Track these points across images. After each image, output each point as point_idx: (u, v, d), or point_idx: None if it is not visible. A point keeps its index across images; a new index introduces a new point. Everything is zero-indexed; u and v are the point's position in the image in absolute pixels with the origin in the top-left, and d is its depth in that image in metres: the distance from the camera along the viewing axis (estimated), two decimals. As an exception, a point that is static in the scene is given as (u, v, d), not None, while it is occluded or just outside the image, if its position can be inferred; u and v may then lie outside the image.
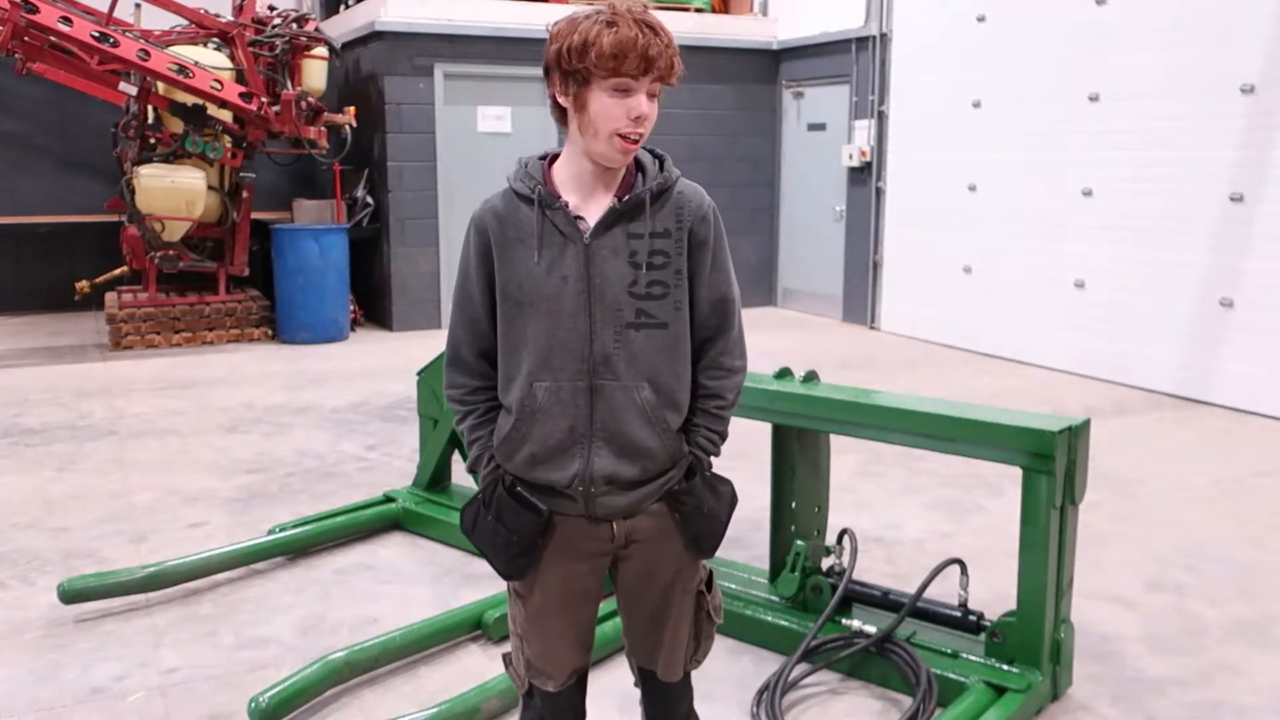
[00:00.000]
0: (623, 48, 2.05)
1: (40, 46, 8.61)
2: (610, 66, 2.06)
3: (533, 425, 2.18)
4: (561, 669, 2.36)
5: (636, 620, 2.39)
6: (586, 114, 2.11)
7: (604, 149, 2.13)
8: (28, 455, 6.22)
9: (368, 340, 10.19)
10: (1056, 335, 8.72)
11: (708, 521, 2.29)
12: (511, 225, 2.19)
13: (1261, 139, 7.15)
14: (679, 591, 2.34)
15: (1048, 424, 3.28)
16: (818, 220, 11.55)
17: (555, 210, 2.17)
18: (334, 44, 10.26)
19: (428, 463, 5.10)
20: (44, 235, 11.36)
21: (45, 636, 3.92)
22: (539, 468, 2.20)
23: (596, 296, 2.15)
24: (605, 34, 2.06)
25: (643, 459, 2.20)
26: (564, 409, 2.17)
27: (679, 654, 2.40)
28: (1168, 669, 3.73)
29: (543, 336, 2.16)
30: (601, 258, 2.15)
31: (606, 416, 2.17)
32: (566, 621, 2.33)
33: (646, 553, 2.28)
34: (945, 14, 9.77)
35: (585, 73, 2.08)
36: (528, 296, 2.16)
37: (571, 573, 2.28)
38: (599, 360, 2.16)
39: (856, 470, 5.90)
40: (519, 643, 2.38)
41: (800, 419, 3.76)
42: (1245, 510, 5.39)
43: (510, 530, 2.23)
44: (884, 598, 3.78)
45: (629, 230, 2.17)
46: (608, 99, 2.09)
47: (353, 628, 4.00)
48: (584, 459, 2.17)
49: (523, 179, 2.21)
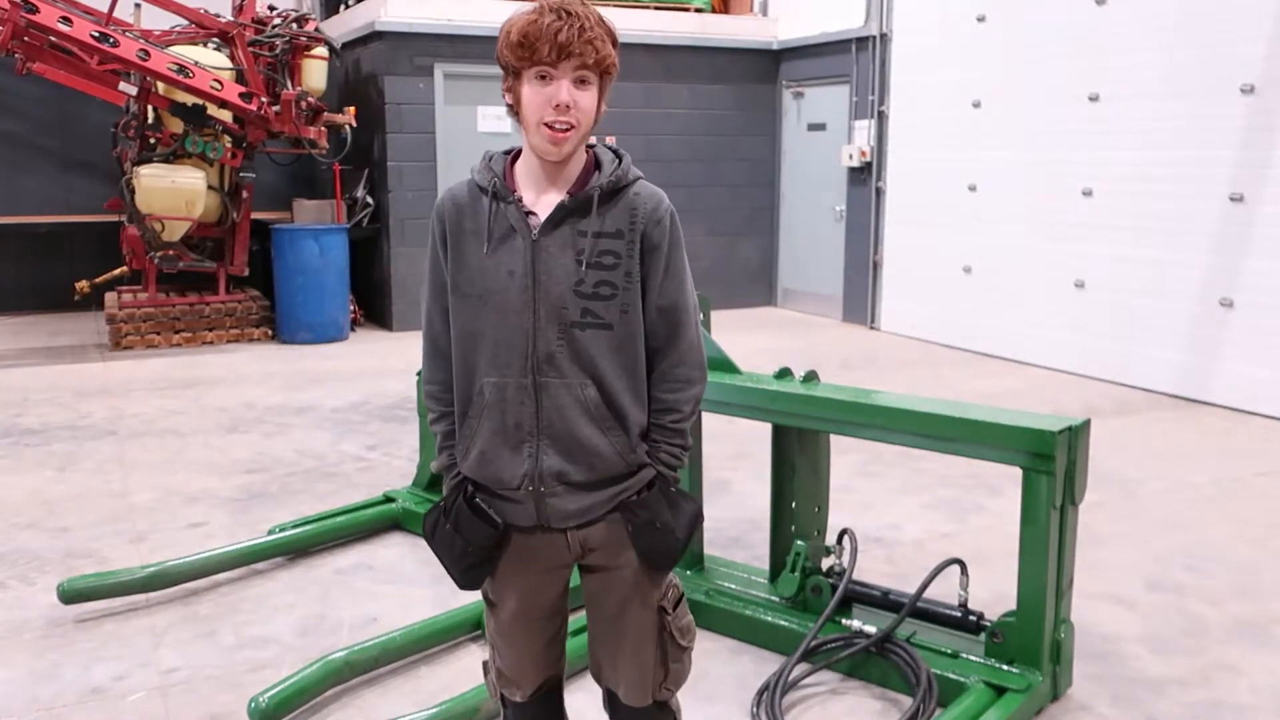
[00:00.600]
0: (531, 34, 2.03)
1: (40, 46, 8.60)
2: (522, 55, 2.05)
3: (481, 422, 2.17)
4: (528, 680, 2.36)
5: (596, 633, 2.37)
6: (520, 107, 2.10)
7: (536, 140, 2.10)
8: (28, 455, 6.22)
9: (368, 340, 10.18)
10: (1056, 335, 8.72)
11: (661, 536, 2.21)
12: (469, 216, 2.18)
13: (1261, 139, 7.15)
14: (636, 605, 2.27)
15: (1048, 424, 3.28)
16: (818, 220, 11.55)
17: (508, 204, 2.15)
18: (334, 44, 10.26)
19: (427, 463, 5.09)
20: (44, 235, 11.36)
21: (45, 636, 3.92)
22: (489, 466, 2.18)
23: (542, 293, 2.11)
24: (518, 22, 2.06)
25: (590, 458, 2.15)
26: (510, 406, 2.14)
27: (645, 678, 2.31)
28: (1168, 669, 3.73)
29: (488, 331, 2.14)
30: (549, 254, 2.12)
31: (553, 414, 2.13)
32: (532, 633, 2.32)
33: (603, 563, 2.26)
34: (945, 14, 9.77)
35: (513, 65, 2.08)
36: (476, 289, 2.15)
37: (531, 585, 2.28)
38: (542, 358, 2.12)
39: (856, 470, 5.90)
40: (492, 652, 2.41)
41: (800, 419, 3.76)
42: (1245, 510, 5.39)
43: (465, 541, 2.21)
44: (884, 598, 3.78)
45: (577, 228, 2.13)
46: (532, 89, 2.07)
47: (353, 628, 4.00)
48: (532, 458, 2.15)
49: (483, 172, 2.19)
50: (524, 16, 2.06)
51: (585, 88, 2.08)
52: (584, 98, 2.07)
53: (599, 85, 2.11)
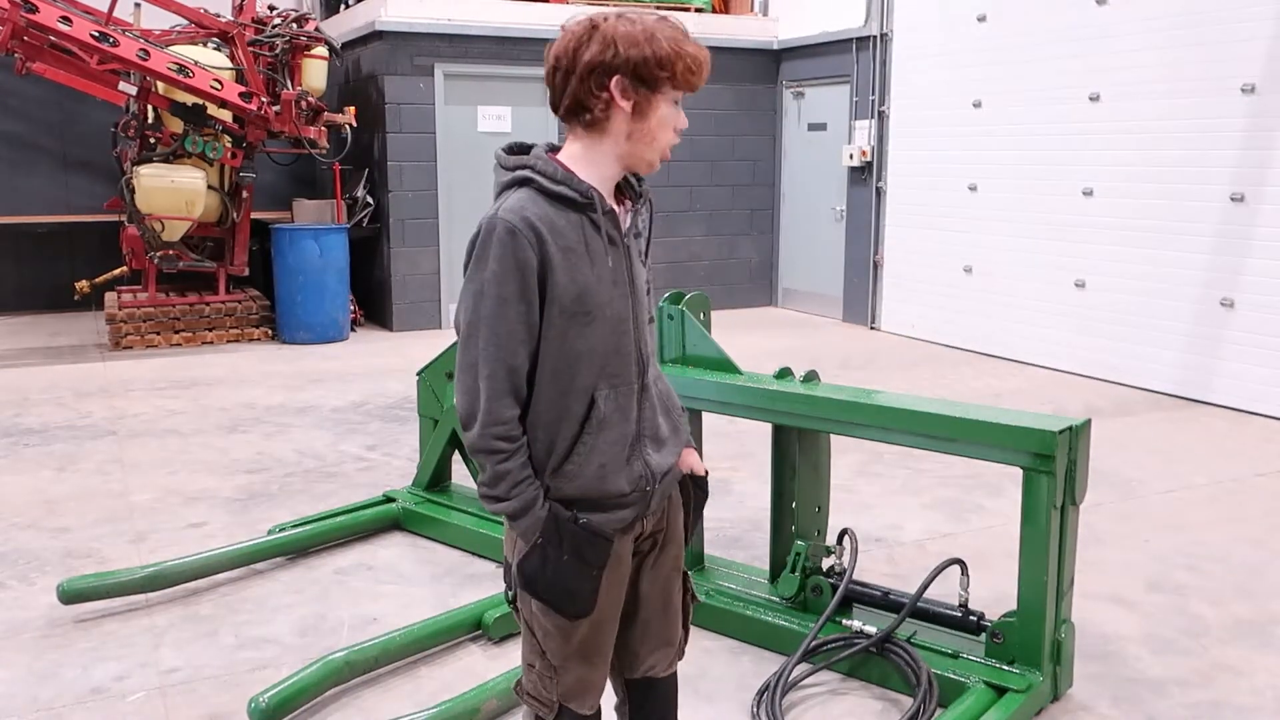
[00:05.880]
0: (703, 64, 2.10)
1: (40, 46, 8.60)
2: (691, 81, 2.10)
3: (599, 436, 2.13)
4: (602, 687, 2.33)
5: (647, 614, 2.35)
6: (646, 122, 2.09)
7: (651, 156, 2.14)
8: (27, 455, 6.22)
9: (368, 340, 10.18)
10: (1057, 335, 8.72)
11: (703, 491, 2.42)
12: (556, 232, 2.06)
13: (1262, 139, 7.15)
14: (677, 576, 2.41)
15: (1048, 424, 3.28)
16: (818, 220, 11.55)
17: (606, 214, 2.12)
18: (334, 44, 10.26)
19: (428, 463, 5.10)
20: (44, 235, 11.36)
21: (45, 636, 3.92)
22: (609, 479, 2.15)
23: (636, 298, 2.19)
24: (687, 46, 2.08)
25: (671, 446, 2.28)
26: (624, 414, 2.17)
27: (675, 643, 2.44)
28: (1168, 669, 3.73)
29: (599, 345, 2.11)
30: (632, 259, 2.19)
31: (649, 413, 2.22)
32: (609, 639, 2.29)
33: (662, 540, 2.33)
34: (945, 14, 9.77)
35: (659, 81, 2.06)
36: (584, 306, 2.08)
37: (618, 582, 2.25)
38: (645, 360, 2.21)
39: (856, 470, 5.90)
40: (550, 673, 2.25)
41: (800, 419, 3.76)
42: (1245, 510, 5.39)
43: (591, 565, 2.14)
44: (884, 598, 3.78)
45: (638, 230, 2.24)
46: (669, 110, 2.11)
47: (353, 628, 4.00)
48: (641, 460, 2.20)
49: (564, 180, 2.08)
50: (672, 33, 2.07)
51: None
52: None
53: None
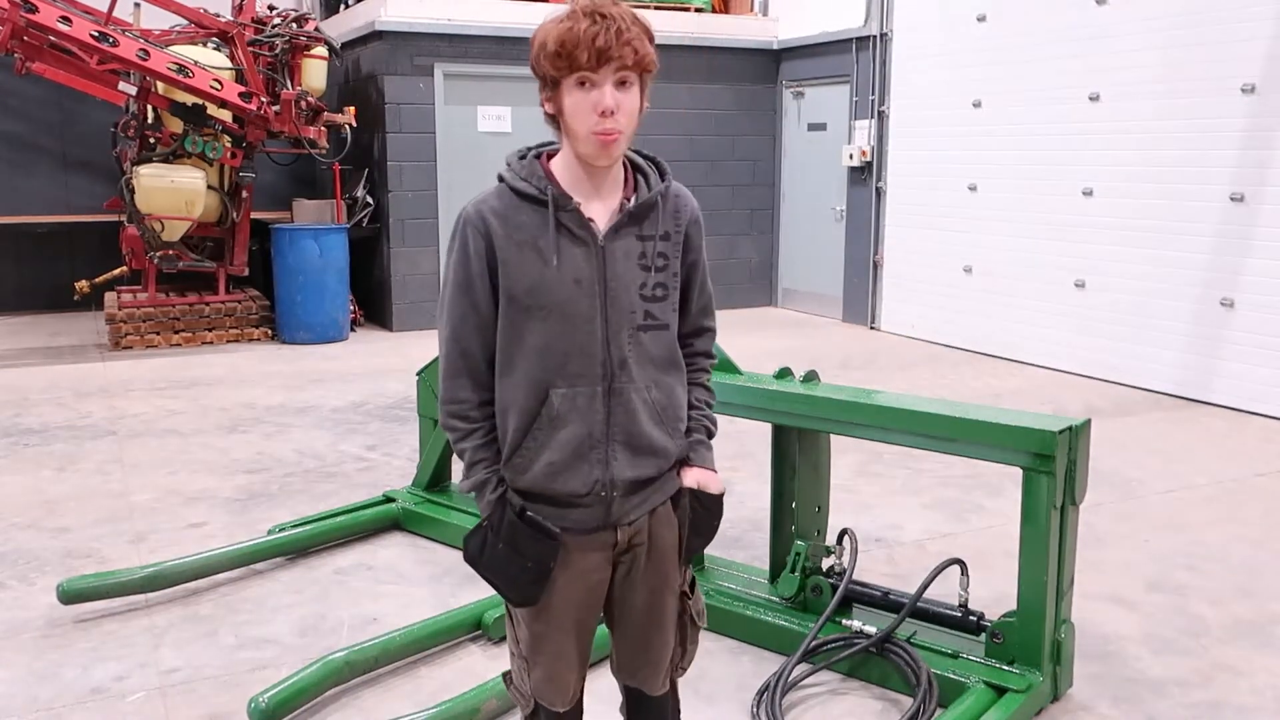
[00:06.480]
0: (568, 42, 2.00)
1: (40, 46, 8.60)
2: (561, 64, 2.02)
3: (551, 434, 2.13)
4: (576, 685, 2.33)
5: (628, 628, 2.34)
6: (564, 115, 2.07)
7: (586, 148, 2.08)
8: (27, 455, 6.22)
9: (368, 340, 10.18)
10: (1057, 335, 8.72)
11: (710, 514, 2.30)
12: (516, 226, 2.11)
13: (1261, 139, 7.15)
14: (668, 594, 2.31)
15: (1048, 424, 3.28)
16: (818, 220, 11.55)
17: (568, 211, 2.12)
18: (334, 44, 10.26)
19: (428, 463, 5.10)
20: (44, 235, 11.35)
21: (45, 637, 3.92)
22: (558, 477, 2.14)
23: (611, 300, 2.13)
24: (553, 30, 2.02)
25: (657, 458, 2.21)
26: (582, 415, 2.13)
27: (664, 663, 2.36)
28: (1168, 669, 3.73)
29: (556, 342, 2.11)
30: (614, 260, 2.13)
31: (623, 419, 2.16)
32: (574, 641, 2.28)
33: (645, 555, 2.25)
34: (945, 14, 9.77)
35: (551, 75, 2.05)
36: (538, 301, 2.10)
37: (586, 586, 2.24)
38: (616, 364, 2.14)
39: (856, 470, 5.90)
40: (524, 665, 2.32)
41: (800, 419, 3.76)
42: (1245, 510, 5.39)
43: (525, 558, 2.16)
44: (884, 598, 3.78)
45: (640, 233, 2.17)
46: (574, 97, 2.04)
47: (353, 628, 4.00)
48: (603, 464, 2.15)
49: (526, 179, 2.14)
50: (557, 24, 2.03)
51: (627, 89, 2.06)
52: (627, 100, 2.06)
53: (640, 84, 2.09)
